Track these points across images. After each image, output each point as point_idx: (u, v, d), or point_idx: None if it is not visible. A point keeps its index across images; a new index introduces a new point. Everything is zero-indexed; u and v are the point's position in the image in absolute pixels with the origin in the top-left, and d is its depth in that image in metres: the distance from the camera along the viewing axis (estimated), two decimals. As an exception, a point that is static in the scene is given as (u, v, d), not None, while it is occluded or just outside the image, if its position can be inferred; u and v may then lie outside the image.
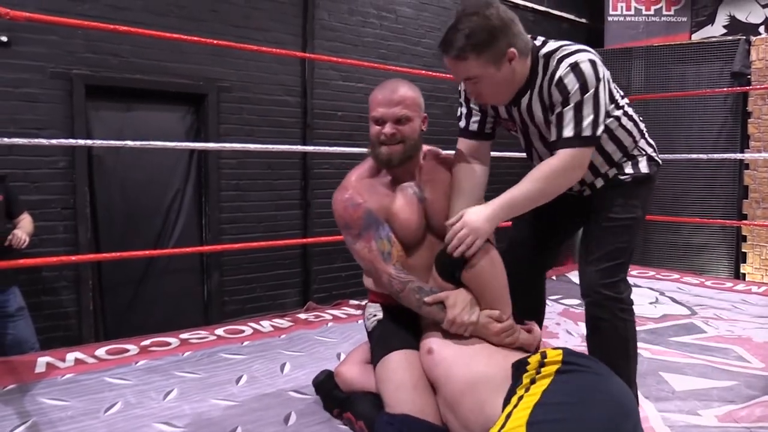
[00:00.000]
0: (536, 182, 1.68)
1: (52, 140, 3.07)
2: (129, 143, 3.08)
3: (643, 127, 1.91)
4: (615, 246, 1.81)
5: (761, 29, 6.55)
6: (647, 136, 1.91)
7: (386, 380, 1.76)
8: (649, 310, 3.56)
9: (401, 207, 1.84)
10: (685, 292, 4.09)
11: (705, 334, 3.07)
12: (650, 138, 1.92)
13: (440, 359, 1.69)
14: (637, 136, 1.87)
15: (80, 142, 3.46)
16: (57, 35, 3.83)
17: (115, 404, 2.09)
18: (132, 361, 2.54)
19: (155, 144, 3.21)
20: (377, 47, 5.43)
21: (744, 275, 6.11)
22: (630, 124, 1.84)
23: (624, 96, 1.89)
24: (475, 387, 1.56)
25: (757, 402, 2.17)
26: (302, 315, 3.38)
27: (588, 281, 1.82)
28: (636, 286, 4.24)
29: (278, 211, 4.94)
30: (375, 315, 1.96)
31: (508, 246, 2.03)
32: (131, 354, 2.64)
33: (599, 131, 1.67)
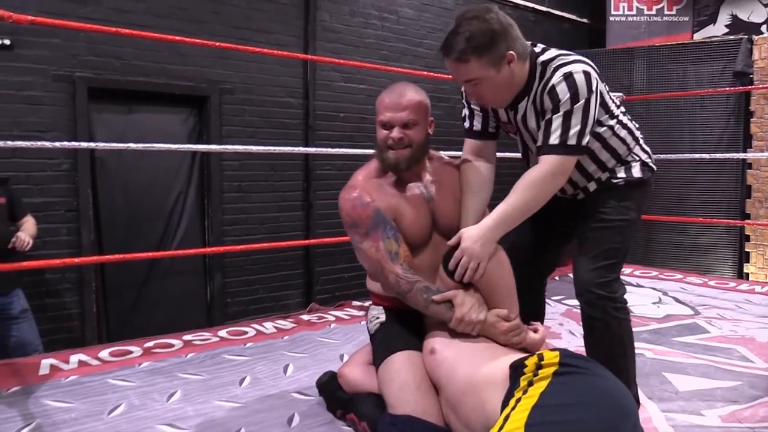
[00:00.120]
0: (523, 192, 1.72)
1: (55, 143, 3.08)
2: (132, 146, 3.08)
3: (639, 135, 1.95)
4: (608, 246, 1.83)
5: (763, 28, 6.55)
6: (642, 143, 1.95)
7: (389, 381, 1.76)
8: (652, 310, 3.55)
9: (409, 207, 1.85)
10: (689, 292, 4.09)
11: (708, 334, 3.07)
12: (646, 145, 1.96)
13: (442, 359, 1.70)
14: (632, 144, 1.90)
15: (83, 145, 3.47)
16: (60, 38, 3.84)
17: (119, 406, 2.09)
18: (135, 363, 2.54)
19: (158, 146, 3.22)
20: (379, 48, 5.44)
21: (747, 275, 6.09)
22: (624, 132, 1.88)
23: (621, 105, 1.93)
24: (476, 387, 1.56)
25: (761, 402, 2.17)
26: (305, 316, 3.38)
27: (581, 281, 1.84)
28: (639, 287, 4.27)
29: (281, 213, 4.94)
30: (378, 318, 1.96)
31: (508, 251, 2.04)
32: (135, 356, 2.64)
33: (584, 141, 1.71)
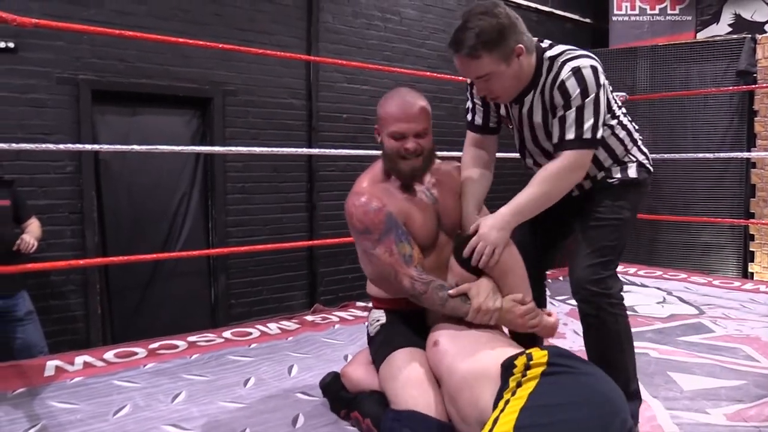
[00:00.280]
0: (541, 185, 1.75)
1: (59, 145, 3.09)
2: (135, 147, 3.09)
3: (638, 136, 1.96)
4: (602, 244, 1.83)
5: (766, 27, 6.53)
6: (640, 144, 1.96)
7: (392, 378, 1.77)
8: (657, 310, 3.55)
9: (417, 210, 1.86)
10: (693, 292, 4.07)
11: (713, 334, 3.06)
12: (644, 146, 1.97)
13: (445, 351, 1.71)
14: (629, 145, 1.92)
15: (87, 147, 3.48)
16: (63, 41, 3.85)
17: (124, 407, 2.10)
18: (140, 364, 2.55)
19: (161, 148, 3.23)
20: (382, 49, 5.44)
21: (752, 274, 6.08)
22: (623, 133, 1.89)
23: (622, 106, 1.95)
24: (472, 382, 1.57)
25: (766, 401, 2.16)
26: (309, 317, 3.38)
27: (576, 279, 1.84)
28: (643, 286, 4.26)
29: (284, 214, 4.95)
30: (378, 320, 1.97)
31: None
32: (139, 357, 2.65)
33: (599, 134, 1.74)
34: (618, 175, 1.89)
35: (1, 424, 1.95)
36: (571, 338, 2.96)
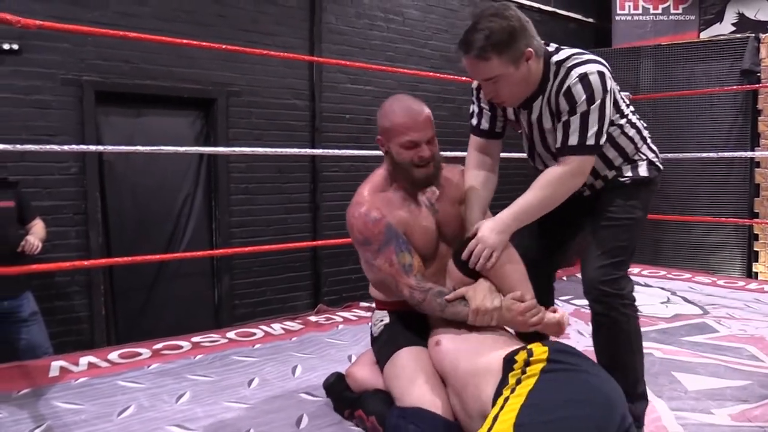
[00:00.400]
0: (542, 189, 1.75)
1: (64, 146, 3.10)
2: (139, 148, 3.10)
3: (647, 134, 1.96)
4: (615, 244, 1.83)
5: (770, 26, 6.51)
6: (650, 142, 1.96)
7: (396, 376, 1.78)
8: (661, 310, 3.54)
9: (418, 219, 1.87)
10: (697, 292, 4.07)
11: (717, 334, 3.05)
12: (653, 144, 1.97)
13: (446, 350, 1.72)
14: (639, 143, 1.91)
15: (91, 148, 3.49)
16: (67, 42, 3.86)
17: (129, 407, 2.11)
18: (144, 365, 2.55)
19: (165, 149, 3.23)
20: (384, 50, 5.44)
21: (756, 274, 6.06)
22: (632, 132, 1.89)
23: (630, 104, 1.94)
24: (476, 377, 1.58)
25: (771, 401, 2.16)
26: (313, 317, 3.39)
27: (589, 279, 1.84)
28: (647, 286, 4.25)
29: (288, 214, 4.96)
30: (382, 320, 1.97)
31: (518, 248, 2.04)
32: (144, 357, 2.66)
33: (602, 141, 1.74)
34: (629, 174, 1.88)
35: (7, 425, 1.96)
36: (575, 338, 2.95)
